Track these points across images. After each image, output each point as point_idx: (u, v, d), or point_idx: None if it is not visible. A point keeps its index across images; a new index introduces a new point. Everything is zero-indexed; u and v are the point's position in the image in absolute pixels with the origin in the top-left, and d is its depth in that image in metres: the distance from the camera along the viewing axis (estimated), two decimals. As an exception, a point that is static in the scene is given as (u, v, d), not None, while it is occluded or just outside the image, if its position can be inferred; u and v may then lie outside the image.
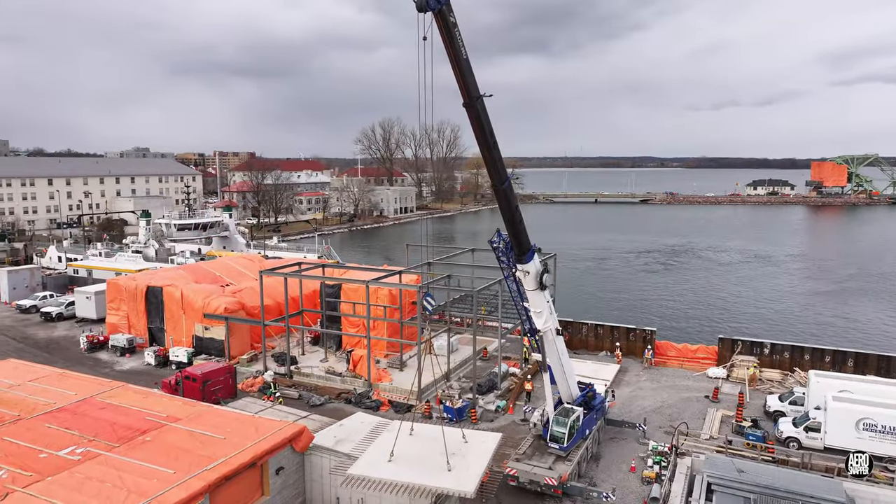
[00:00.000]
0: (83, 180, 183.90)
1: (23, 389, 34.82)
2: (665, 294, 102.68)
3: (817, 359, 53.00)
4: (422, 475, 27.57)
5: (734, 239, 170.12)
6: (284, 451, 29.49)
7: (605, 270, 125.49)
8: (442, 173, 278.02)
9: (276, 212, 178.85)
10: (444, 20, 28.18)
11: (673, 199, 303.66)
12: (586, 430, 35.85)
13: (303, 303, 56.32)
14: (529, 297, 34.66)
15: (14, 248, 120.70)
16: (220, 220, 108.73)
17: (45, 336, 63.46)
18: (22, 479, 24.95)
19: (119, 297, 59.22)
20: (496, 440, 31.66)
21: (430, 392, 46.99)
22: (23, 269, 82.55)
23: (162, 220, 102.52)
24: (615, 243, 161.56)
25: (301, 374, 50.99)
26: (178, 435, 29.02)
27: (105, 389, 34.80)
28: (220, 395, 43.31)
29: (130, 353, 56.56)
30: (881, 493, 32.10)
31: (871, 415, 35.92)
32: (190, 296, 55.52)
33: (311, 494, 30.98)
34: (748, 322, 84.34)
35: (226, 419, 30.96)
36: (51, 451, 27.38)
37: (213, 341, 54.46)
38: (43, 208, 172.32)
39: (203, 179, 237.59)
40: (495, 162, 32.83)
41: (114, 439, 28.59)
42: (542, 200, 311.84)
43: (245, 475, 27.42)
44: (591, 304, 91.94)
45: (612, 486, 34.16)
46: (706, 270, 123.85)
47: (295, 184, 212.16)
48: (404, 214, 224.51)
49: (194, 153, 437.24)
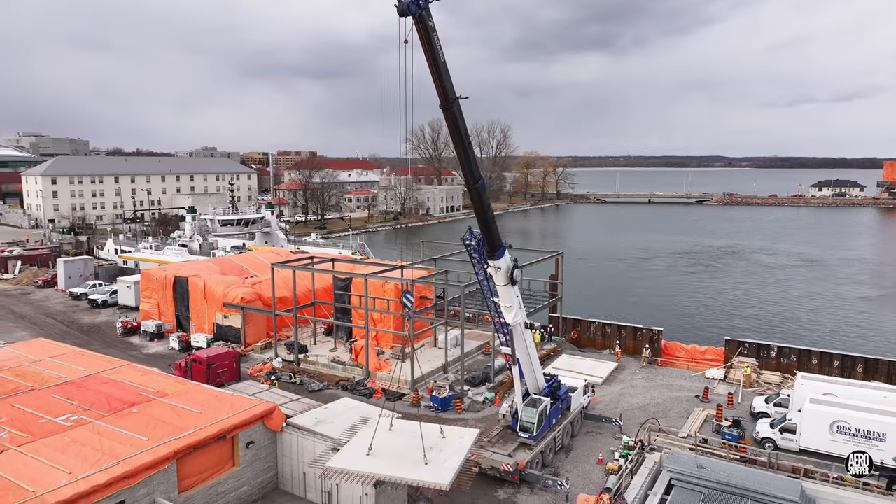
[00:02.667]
0: (146, 178, 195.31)
1: (42, 364, 38.93)
2: (696, 295, 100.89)
3: (826, 363, 51.97)
4: (399, 468, 28.28)
5: (786, 241, 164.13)
6: (256, 427, 32.11)
7: (642, 271, 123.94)
8: (491, 172, 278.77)
9: (323, 209, 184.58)
10: (424, 24, 29.60)
11: (730, 200, 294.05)
12: (553, 420, 36.97)
13: (315, 295, 59.18)
14: (500, 293, 35.93)
15: (79, 241, 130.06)
16: (261, 216, 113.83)
17: (88, 321, 69.01)
18: (18, 440, 28.47)
19: (151, 286, 63.88)
20: (473, 436, 32.34)
21: (423, 383, 48.87)
22: (77, 259, 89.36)
23: (207, 216, 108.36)
24: (659, 244, 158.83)
25: (308, 361, 53.85)
26: (161, 408, 32.10)
27: (111, 367, 38.47)
28: (225, 377, 46.55)
29: (159, 338, 60.97)
30: (845, 496, 31.97)
31: (844, 417, 35.48)
32: (211, 286, 59.42)
33: (282, 469, 33.48)
34: (773, 325, 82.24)
35: (207, 396, 33.88)
36: (49, 417, 30.95)
37: (231, 329, 58.16)
38: (110, 204, 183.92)
39: (259, 178, 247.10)
40: (470, 162, 34.11)
41: (106, 410, 31.93)
42: (593, 200, 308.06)
43: (215, 446, 30.20)
44: (614, 304, 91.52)
45: (577, 476, 35.20)
46: (746, 273, 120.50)
47: (343, 182, 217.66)
48: (450, 213, 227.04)
49: (259, 152, 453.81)
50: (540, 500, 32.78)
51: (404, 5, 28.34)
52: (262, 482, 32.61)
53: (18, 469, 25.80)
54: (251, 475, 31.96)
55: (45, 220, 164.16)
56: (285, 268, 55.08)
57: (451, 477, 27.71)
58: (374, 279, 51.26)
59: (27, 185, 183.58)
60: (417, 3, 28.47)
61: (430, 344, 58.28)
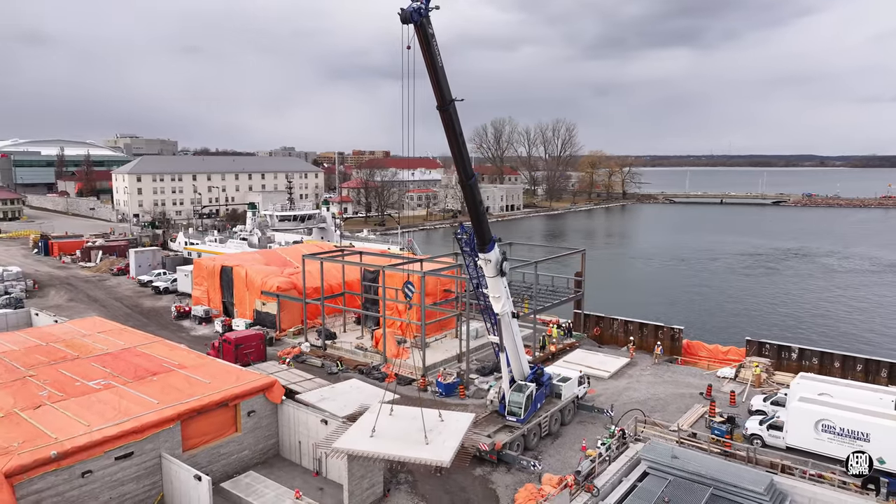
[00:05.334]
0: (221, 176, 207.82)
1: (90, 338, 44.33)
2: (744, 297, 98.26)
3: (849, 367, 50.93)
4: (402, 448, 30.67)
5: (861, 245, 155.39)
6: (257, 398, 35.75)
7: (699, 271, 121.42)
8: (555, 171, 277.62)
9: (382, 207, 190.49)
10: (424, 31, 32.23)
11: (809, 202, 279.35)
12: (538, 405, 38.84)
13: (345, 286, 62.89)
14: (489, 284, 38.06)
15: (156, 234, 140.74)
16: (317, 213, 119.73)
17: (150, 305, 75.90)
18: (54, 398, 33.29)
19: (201, 274, 69.72)
20: (469, 419, 34.86)
21: (435, 370, 51.45)
22: (147, 250, 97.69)
23: (266, 212, 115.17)
24: (724, 245, 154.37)
25: (334, 347, 57.59)
26: (177, 378, 36.32)
27: (146, 342, 43.37)
28: (252, 357, 50.90)
29: (206, 322, 66.55)
30: (819, 492, 32.29)
31: (829, 416, 35.33)
32: (252, 275, 64.36)
33: (282, 438, 37.02)
34: (816, 329, 79.53)
35: (218, 370, 37.92)
36: (84, 381, 35.76)
37: (269, 315, 62.85)
38: (188, 200, 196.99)
39: (328, 176, 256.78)
40: (464, 160, 36.46)
41: (131, 377, 36.49)
42: (661, 200, 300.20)
43: (218, 412, 34.04)
44: (658, 302, 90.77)
45: (558, 460, 36.90)
46: (805, 276, 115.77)
47: (405, 181, 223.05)
48: (510, 212, 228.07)
49: (335, 152, 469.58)
50: (514, 478, 34.73)
51: (407, 13, 30.98)
52: (262, 448, 36.24)
53: (49, 420, 30.43)
54: (252, 441, 35.63)
55: (131, 215, 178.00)
56: (315, 259, 59.04)
57: (451, 455, 29.98)
58: (391, 271, 54.26)
59: (116, 182, 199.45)
60: (419, 11, 31.10)
61: (453, 335, 60.75)
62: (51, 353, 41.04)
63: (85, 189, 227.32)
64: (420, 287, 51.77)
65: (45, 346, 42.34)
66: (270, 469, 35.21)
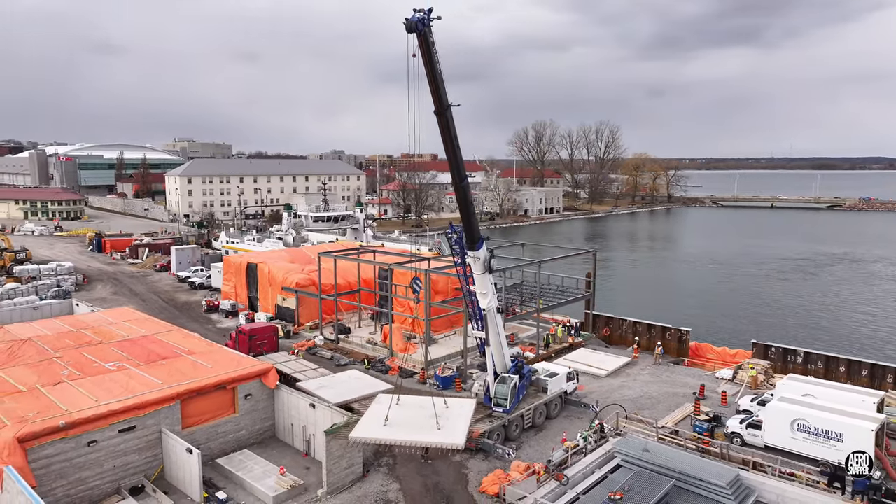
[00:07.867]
0: (266, 178, 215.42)
1: (115, 326, 48.29)
2: (773, 301, 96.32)
3: (854, 371, 50.46)
4: (416, 434, 33.16)
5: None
6: (254, 383, 38.58)
7: (736, 275, 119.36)
8: (598, 174, 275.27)
9: (419, 209, 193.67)
10: (426, 40, 34.52)
11: (867, 206, 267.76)
12: (520, 395, 40.47)
13: (361, 283, 65.59)
14: (477, 280, 39.90)
15: (201, 233, 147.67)
16: (350, 214, 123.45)
17: (184, 299, 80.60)
18: (73, 376, 36.94)
19: (230, 271, 73.75)
20: (472, 404, 37.62)
21: (438, 364, 53.43)
22: (187, 247, 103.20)
23: (301, 213, 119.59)
24: (768, 250, 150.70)
25: (347, 341, 60.32)
26: (184, 362, 39.54)
27: (163, 331, 46.98)
28: (265, 348, 54.06)
29: (233, 316, 70.45)
30: (788, 489, 32.85)
31: (804, 416, 35.59)
32: (274, 272, 67.86)
33: (278, 421, 39.75)
34: (837, 334, 77.65)
35: (222, 356, 41.00)
36: (101, 362, 39.38)
37: (288, 310, 66.16)
38: (235, 202, 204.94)
39: (370, 179, 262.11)
40: (458, 162, 38.50)
41: (143, 360, 39.92)
42: (708, 204, 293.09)
43: (217, 394, 37.01)
44: (685, 305, 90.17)
45: (537, 450, 38.36)
46: (843, 282, 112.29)
47: (443, 184, 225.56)
48: (549, 215, 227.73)
49: (383, 155, 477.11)
50: (489, 465, 36.38)
51: (412, 23, 33.40)
52: (259, 430, 39.04)
53: (64, 396, 33.96)
54: (249, 422, 38.48)
55: (181, 215, 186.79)
56: (329, 257, 61.96)
57: (463, 438, 32.55)
58: (399, 269, 56.59)
59: (169, 184, 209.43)
60: (423, 21, 33.51)
61: (462, 332, 62.54)
62: (79, 338, 45.07)
63: (141, 191, 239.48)
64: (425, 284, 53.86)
65: (74, 332, 46.46)
66: (265, 448, 37.97)
